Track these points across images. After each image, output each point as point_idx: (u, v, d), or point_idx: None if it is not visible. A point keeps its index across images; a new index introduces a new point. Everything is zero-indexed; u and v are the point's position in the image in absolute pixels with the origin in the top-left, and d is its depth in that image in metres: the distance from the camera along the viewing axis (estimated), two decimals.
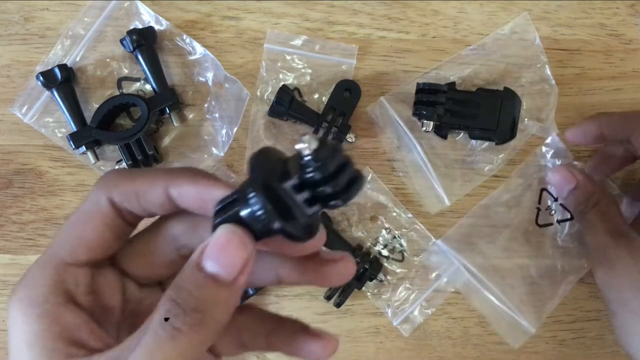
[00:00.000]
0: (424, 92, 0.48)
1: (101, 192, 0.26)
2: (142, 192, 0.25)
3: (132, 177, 0.26)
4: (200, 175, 0.26)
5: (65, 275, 0.25)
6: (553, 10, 0.52)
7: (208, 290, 0.22)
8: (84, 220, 0.26)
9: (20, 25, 0.51)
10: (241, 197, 0.23)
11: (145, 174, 0.26)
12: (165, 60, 0.51)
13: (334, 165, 0.22)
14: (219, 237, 0.23)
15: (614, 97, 0.52)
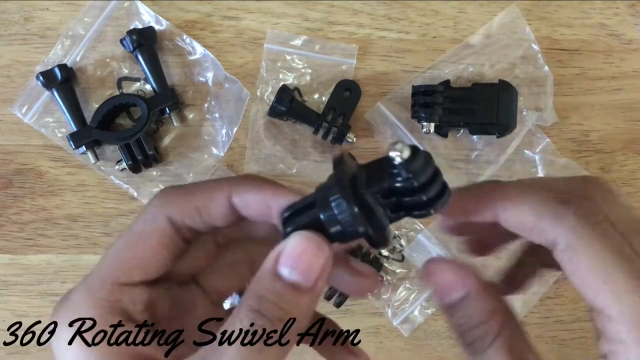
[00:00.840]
0: (420, 94, 0.48)
1: (158, 210, 0.25)
2: (204, 205, 0.25)
3: (191, 192, 0.26)
4: (264, 181, 0.26)
5: (120, 295, 0.24)
6: (553, 10, 0.52)
7: (290, 298, 0.22)
8: (139, 240, 0.25)
9: (20, 25, 0.51)
10: (322, 201, 0.23)
11: (206, 187, 0.26)
12: (165, 60, 0.51)
13: (427, 175, 0.22)
14: (295, 245, 0.22)
15: (614, 97, 0.52)
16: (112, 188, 0.51)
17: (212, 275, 0.29)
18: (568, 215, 0.23)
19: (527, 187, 0.25)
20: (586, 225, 0.22)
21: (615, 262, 0.22)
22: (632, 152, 0.52)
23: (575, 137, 0.52)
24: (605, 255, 0.22)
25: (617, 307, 0.21)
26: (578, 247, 0.22)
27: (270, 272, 0.22)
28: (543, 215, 0.23)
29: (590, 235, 0.22)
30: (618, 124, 0.52)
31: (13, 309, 0.52)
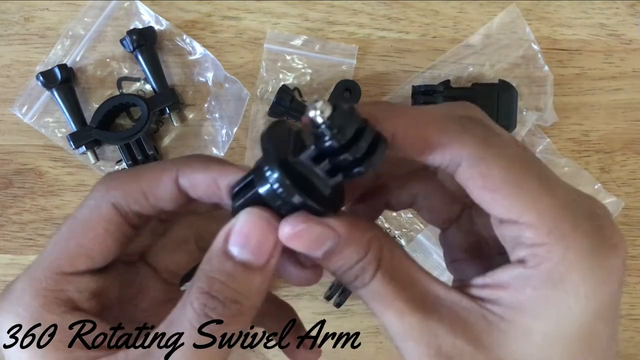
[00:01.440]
0: (420, 94, 0.48)
1: (103, 196, 0.24)
2: (151, 189, 0.24)
3: (136, 175, 0.25)
4: (210, 160, 0.25)
5: (65, 285, 0.24)
6: (553, 10, 0.52)
7: (241, 278, 0.22)
8: (84, 229, 0.24)
9: (20, 25, 0.51)
10: (258, 175, 0.22)
11: (151, 169, 0.25)
12: (165, 60, 0.51)
13: (351, 130, 0.20)
14: (243, 222, 0.22)
15: (614, 97, 0.52)
16: None
17: (160, 253, 0.28)
18: (474, 129, 0.23)
19: (423, 109, 0.24)
20: (492, 137, 0.22)
21: (526, 170, 0.22)
22: (632, 152, 0.52)
23: (575, 137, 0.52)
24: (516, 165, 0.22)
25: (535, 212, 0.21)
26: (488, 159, 0.22)
27: (220, 251, 0.22)
28: (447, 130, 0.22)
29: (498, 147, 0.22)
30: (618, 124, 0.52)
31: None
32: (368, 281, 0.23)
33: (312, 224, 0.22)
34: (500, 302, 0.22)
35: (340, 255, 0.23)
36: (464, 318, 0.22)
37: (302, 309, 0.51)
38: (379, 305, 0.23)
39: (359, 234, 0.23)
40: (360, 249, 0.23)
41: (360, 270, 0.23)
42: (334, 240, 0.22)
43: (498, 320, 0.22)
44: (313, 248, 0.22)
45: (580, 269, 0.21)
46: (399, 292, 0.22)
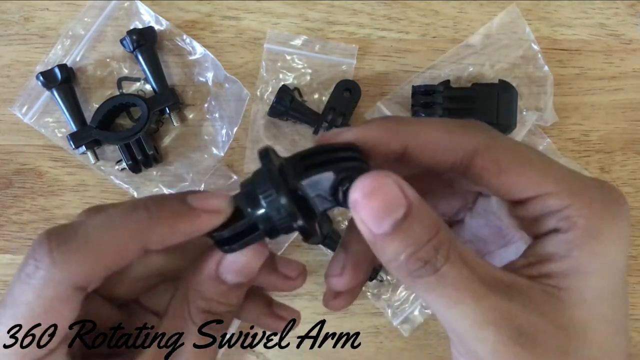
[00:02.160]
0: (420, 94, 0.48)
1: (60, 284, 0.21)
2: (115, 263, 0.22)
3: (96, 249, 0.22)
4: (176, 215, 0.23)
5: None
6: (553, 10, 0.52)
7: (234, 294, 0.25)
8: (40, 315, 0.21)
9: (20, 25, 0.51)
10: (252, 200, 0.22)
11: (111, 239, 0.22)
12: (165, 60, 0.51)
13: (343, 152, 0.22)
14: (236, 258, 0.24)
15: (614, 97, 0.52)
16: (112, 188, 0.51)
17: (118, 288, 0.28)
18: (476, 126, 0.24)
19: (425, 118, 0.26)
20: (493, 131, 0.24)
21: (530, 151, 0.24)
22: (632, 152, 0.52)
23: (575, 137, 0.52)
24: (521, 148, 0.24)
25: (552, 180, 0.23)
26: (497, 147, 0.23)
27: (214, 277, 0.25)
28: (454, 132, 0.24)
29: (501, 137, 0.24)
30: (618, 124, 0.52)
31: None
32: (440, 265, 0.20)
33: (390, 181, 0.20)
34: (552, 274, 0.23)
35: (411, 230, 0.20)
36: (529, 296, 0.22)
37: (302, 309, 0.51)
38: (453, 292, 0.20)
39: (427, 208, 0.21)
40: (432, 225, 0.20)
41: (431, 251, 0.20)
42: (406, 208, 0.20)
43: (556, 291, 0.22)
44: (384, 215, 0.20)
45: (607, 216, 0.22)
46: (474, 276, 0.21)
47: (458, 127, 0.24)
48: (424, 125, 0.24)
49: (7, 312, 0.21)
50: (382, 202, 0.20)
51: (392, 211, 0.20)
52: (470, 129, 0.24)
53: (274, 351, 0.51)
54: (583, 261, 0.22)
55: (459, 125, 0.24)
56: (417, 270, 0.21)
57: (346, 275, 0.27)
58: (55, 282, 0.21)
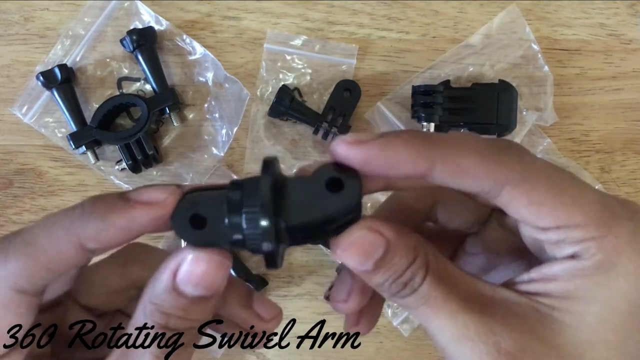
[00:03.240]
0: (420, 94, 0.48)
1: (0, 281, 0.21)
2: (53, 262, 0.22)
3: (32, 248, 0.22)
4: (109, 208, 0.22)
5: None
6: (553, 10, 0.52)
7: (196, 309, 0.22)
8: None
9: (20, 25, 0.51)
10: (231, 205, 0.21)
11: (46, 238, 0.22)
12: (165, 60, 0.51)
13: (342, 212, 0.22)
14: (195, 265, 0.21)
15: (614, 97, 0.52)
16: (112, 188, 0.51)
17: (92, 299, 0.27)
18: (510, 151, 0.23)
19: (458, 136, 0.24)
20: (527, 156, 0.23)
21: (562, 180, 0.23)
22: (632, 152, 0.52)
23: (575, 137, 0.52)
24: (554, 177, 0.22)
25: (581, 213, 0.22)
26: (530, 178, 0.22)
27: (171, 289, 0.22)
28: (488, 158, 0.22)
29: (535, 164, 0.23)
30: (618, 124, 0.52)
31: None
32: (418, 286, 0.22)
33: (365, 231, 0.22)
34: (549, 294, 0.22)
35: (391, 263, 0.22)
36: (516, 312, 0.22)
37: (302, 309, 0.51)
38: (430, 309, 0.22)
39: (406, 238, 0.23)
40: (409, 254, 0.22)
41: (410, 276, 0.22)
42: (384, 247, 0.22)
43: (550, 310, 0.22)
44: (365, 259, 0.22)
45: (628, 251, 0.22)
46: (450, 293, 0.22)
47: (492, 152, 0.22)
48: (455, 147, 0.22)
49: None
50: (361, 252, 0.22)
51: (372, 254, 0.22)
52: (505, 154, 0.22)
53: (274, 351, 0.51)
54: (584, 290, 0.22)
55: (493, 148, 0.23)
56: (398, 293, 0.23)
57: (352, 301, 0.26)
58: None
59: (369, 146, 0.22)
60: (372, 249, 0.22)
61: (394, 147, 0.22)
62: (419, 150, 0.22)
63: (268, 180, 0.21)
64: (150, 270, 0.23)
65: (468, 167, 0.22)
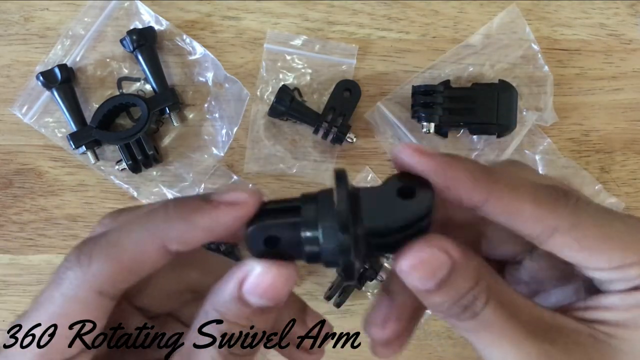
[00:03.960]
0: (420, 94, 0.48)
1: (81, 284, 0.22)
2: (136, 265, 0.22)
3: (116, 252, 0.22)
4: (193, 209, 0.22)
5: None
6: (553, 10, 0.52)
7: (261, 318, 0.23)
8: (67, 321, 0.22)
9: (20, 25, 0.51)
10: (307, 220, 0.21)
11: (130, 241, 0.22)
12: (165, 60, 0.51)
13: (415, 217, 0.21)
14: (262, 277, 0.21)
15: (614, 97, 0.52)
16: (112, 188, 0.51)
17: (149, 302, 0.27)
18: (564, 203, 0.23)
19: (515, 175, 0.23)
20: (579, 200, 0.23)
21: (612, 222, 0.23)
22: (632, 152, 0.52)
23: (575, 137, 0.52)
24: (604, 221, 0.23)
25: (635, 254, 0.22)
26: (581, 225, 0.22)
27: (236, 297, 0.22)
28: (541, 205, 0.22)
29: (586, 209, 0.23)
30: (618, 124, 0.52)
31: (13, 309, 0.52)
32: (480, 310, 0.22)
33: (435, 250, 0.21)
34: (607, 322, 0.22)
35: (454, 284, 0.22)
36: (575, 340, 0.22)
37: None
38: (490, 335, 0.22)
39: (470, 260, 0.22)
40: (473, 276, 0.22)
41: (471, 299, 0.22)
42: (449, 267, 0.21)
43: (607, 338, 0.22)
44: (428, 279, 0.21)
45: None
46: (512, 319, 0.22)
47: (546, 198, 0.22)
48: (512, 187, 0.22)
49: (32, 314, 0.22)
50: (428, 271, 0.21)
51: (437, 273, 0.21)
52: (560, 203, 0.22)
53: (274, 351, 0.51)
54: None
55: (548, 195, 0.23)
56: (457, 315, 0.22)
57: (389, 328, 0.26)
58: (79, 283, 0.22)
59: (433, 159, 0.22)
60: (438, 268, 0.21)
61: (455, 169, 0.22)
62: (478, 179, 0.22)
63: (343, 192, 0.21)
64: (208, 276, 0.23)
65: (521, 210, 0.22)
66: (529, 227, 0.23)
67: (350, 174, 0.23)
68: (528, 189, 0.23)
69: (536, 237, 0.23)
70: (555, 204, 0.22)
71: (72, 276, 0.22)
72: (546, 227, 0.22)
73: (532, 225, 0.22)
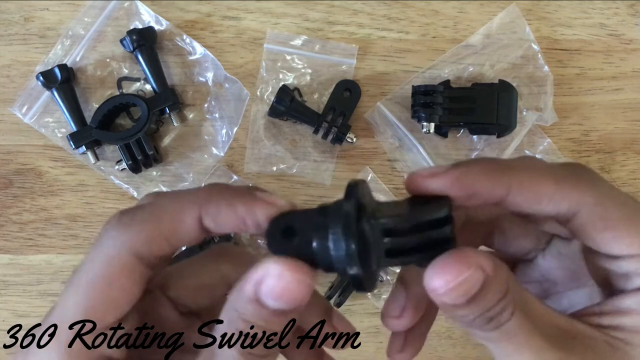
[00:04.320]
0: (420, 94, 0.48)
1: (122, 245, 0.23)
2: (172, 232, 0.23)
3: (156, 217, 0.23)
4: (234, 194, 0.23)
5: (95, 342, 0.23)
6: (553, 10, 0.52)
7: (279, 320, 0.22)
8: (107, 282, 0.22)
9: (20, 25, 0.51)
10: (318, 227, 0.21)
11: (170, 209, 0.23)
12: (165, 60, 0.51)
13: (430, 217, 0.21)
14: (277, 278, 0.21)
15: (614, 97, 0.52)
16: (112, 188, 0.51)
17: (183, 293, 0.27)
18: (585, 175, 0.23)
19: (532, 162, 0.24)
20: (601, 181, 0.23)
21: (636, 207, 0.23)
22: (632, 152, 0.52)
23: (575, 137, 0.52)
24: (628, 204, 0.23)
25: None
26: (605, 203, 0.22)
27: (254, 299, 0.22)
28: (563, 182, 0.22)
29: (609, 190, 0.23)
30: (618, 124, 0.52)
31: (13, 309, 0.52)
32: (505, 321, 0.22)
33: (473, 269, 0.21)
34: (622, 328, 0.22)
35: (484, 299, 0.21)
36: (592, 348, 0.22)
37: None
38: (512, 345, 0.22)
39: (500, 271, 0.22)
40: (503, 288, 0.21)
41: (498, 311, 0.21)
42: (482, 283, 0.21)
43: (623, 345, 0.22)
44: (461, 298, 0.21)
45: None
46: (534, 329, 0.22)
47: (567, 176, 0.23)
48: (531, 172, 0.22)
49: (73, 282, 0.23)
50: (463, 292, 0.21)
51: (470, 292, 0.21)
52: (580, 179, 0.23)
53: None
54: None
55: (567, 172, 0.23)
56: (482, 326, 0.22)
57: (406, 317, 0.26)
58: (118, 242, 0.22)
59: (446, 177, 0.22)
60: (472, 288, 0.21)
61: (471, 175, 0.22)
62: (495, 176, 0.22)
63: (350, 201, 0.21)
64: (241, 271, 0.24)
65: (544, 191, 0.22)
66: (555, 207, 0.23)
67: (350, 174, 0.23)
68: (548, 170, 0.23)
69: (563, 215, 0.23)
70: (577, 179, 0.23)
71: (113, 235, 0.23)
72: (572, 204, 0.22)
73: (558, 204, 0.22)
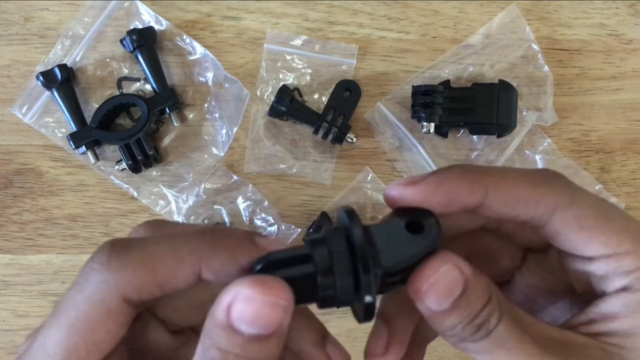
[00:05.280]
0: (420, 94, 0.48)
1: (109, 288, 0.21)
2: (167, 281, 0.21)
3: (149, 264, 0.21)
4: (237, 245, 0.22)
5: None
6: (553, 10, 0.52)
7: (256, 347, 0.20)
8: (91, 326, 0.21)
9: (20, 25, 0.51)
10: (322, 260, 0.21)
11: (167, 257, 0.21)
12: (165, 60, 0.51)
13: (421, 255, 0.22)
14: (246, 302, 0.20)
15: (614, 97, 0.52)
16: (112, 188, 0.51)
17: (172, 312, 0.26)
18: (557, 179, 0.23)
19: (507, 168, 0.24)
20: (573, 184, 0.24)
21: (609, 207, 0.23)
22: (632, 152, 0.52)
23: (575, 137, 0.52)
24: (600, 204, 0.23)
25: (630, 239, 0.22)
26: (579, 203, 0.23)
27: (225, 325, 0.20)
28: (538, 185, 0.23)
29: (581, 191, 0.23)
30: (618, 124, 0.52)
31: (13, 309, 0.52)
32: (494, 327, 0.22)
33: (450, 266, 0.21)
34: (614, 333, 0.22)
35: (468, 303, 0.22)
36: (585, 354, 0.22)
37: None
38: (506, 353, 0.22)
39: (480, 276, 0.22)
40: (485, 293, 0.22)
41: (485, 317, 0.22)
42: (463, 285, 0.21)
43: (617, 350, 0.22)
44: (444, 298, 0.21)
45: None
46: (525, 335, 0.22)
47: (541, 179, 0.23)
48: (506, 176, 0.23)
49: (54, 320, 0.21)
50: (444, 289, 0.21)
51: (452, 292, 0.21)
52: (553, 182, 0.23)
53: None
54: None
55: (541, 176, 0.23)
56: (472, 335, 0.22)
57: (392, 354, 0.25)
58: (106, 286, 0.21)
59: (424, 183, 0.22)
60: (453, 287, 0.21)
61: (449, 180, 0.22)
62: (472, 179, 0.23)
63: (360, 233, 0.21)
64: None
65: (520, 193, 0.23)
66: (531, 210, 0.23)
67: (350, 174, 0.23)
68: (522, 174, 0.23)
69: (539, 219, 0.23)
70: (550, 182, 0.23)
71: (99, 279, 0.21)
72: (547, 206, 0.23)
73: (534, 207, 0.23)
